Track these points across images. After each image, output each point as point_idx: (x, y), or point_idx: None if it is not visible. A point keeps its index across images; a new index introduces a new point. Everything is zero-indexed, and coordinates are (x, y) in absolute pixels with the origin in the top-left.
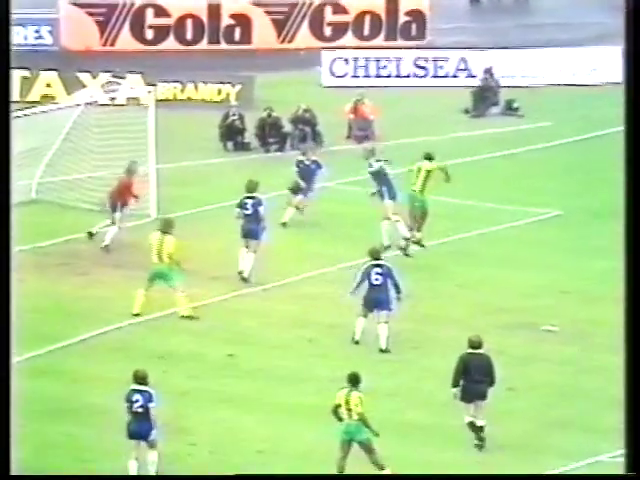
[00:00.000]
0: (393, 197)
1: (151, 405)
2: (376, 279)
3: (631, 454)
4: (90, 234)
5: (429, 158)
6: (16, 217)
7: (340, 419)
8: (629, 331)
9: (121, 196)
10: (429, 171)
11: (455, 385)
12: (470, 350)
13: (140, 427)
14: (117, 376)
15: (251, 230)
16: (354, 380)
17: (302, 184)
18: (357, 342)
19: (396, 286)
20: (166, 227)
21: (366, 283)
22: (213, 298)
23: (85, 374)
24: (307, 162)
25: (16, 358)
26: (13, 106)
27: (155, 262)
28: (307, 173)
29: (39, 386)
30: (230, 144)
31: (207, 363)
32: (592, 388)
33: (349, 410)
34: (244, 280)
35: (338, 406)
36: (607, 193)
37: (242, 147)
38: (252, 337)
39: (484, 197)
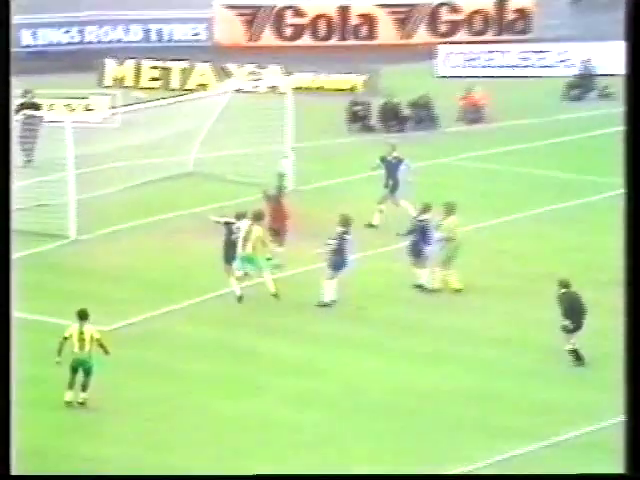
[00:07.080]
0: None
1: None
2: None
3: (631, 454)
4: None
5: None
6: (175, 186)
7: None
8: (629, 321)
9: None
10: None
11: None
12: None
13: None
14: None
15: None
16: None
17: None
18: None
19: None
20: (257, 218)
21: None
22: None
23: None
24: (389, 158)
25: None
26: (174, 92)
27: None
28: (390, 169)
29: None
30: (356, 126)
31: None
32: None
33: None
34: None
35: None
36: None
37: (367, 129)
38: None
39: (584, 169)
